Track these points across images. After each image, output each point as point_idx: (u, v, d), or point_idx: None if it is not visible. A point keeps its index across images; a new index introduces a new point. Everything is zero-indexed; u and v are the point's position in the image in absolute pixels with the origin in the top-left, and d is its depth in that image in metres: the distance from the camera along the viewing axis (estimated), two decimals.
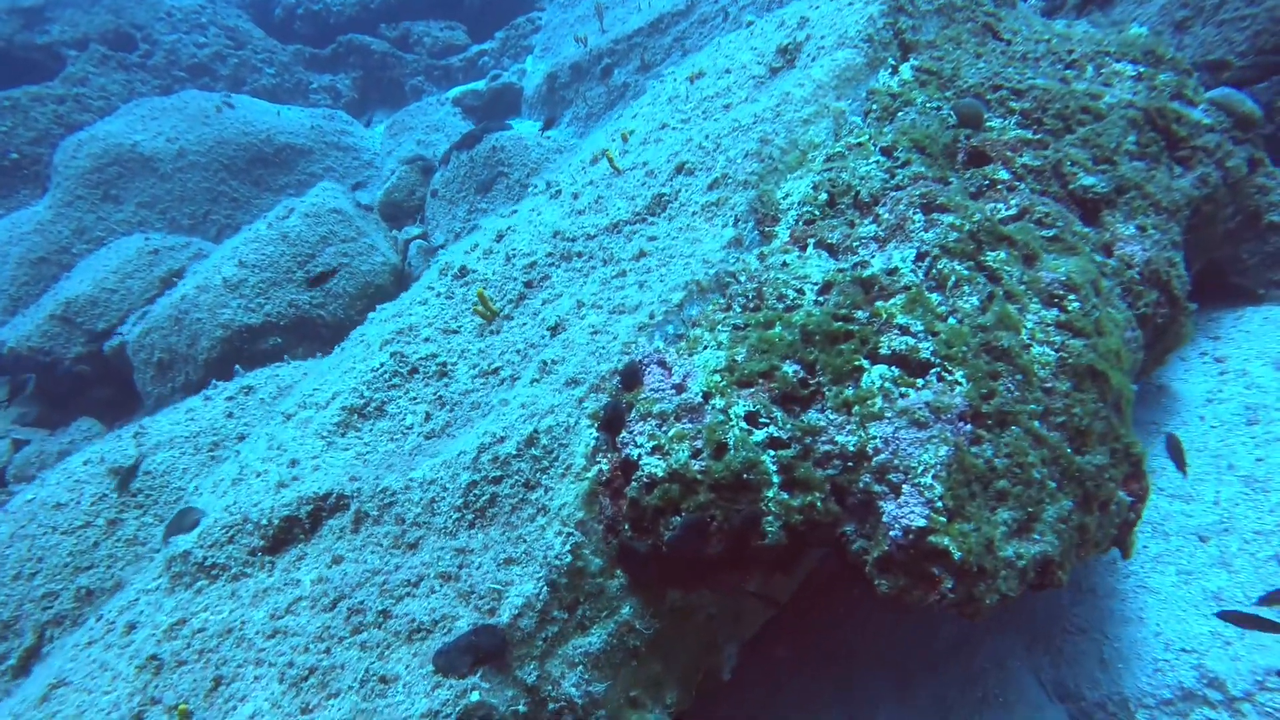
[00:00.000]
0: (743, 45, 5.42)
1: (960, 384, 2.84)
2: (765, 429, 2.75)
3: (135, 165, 11.38)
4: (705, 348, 3.05)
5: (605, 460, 2.85)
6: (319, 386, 4.01)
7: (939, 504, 2.56)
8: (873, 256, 3.37)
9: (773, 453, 2.71)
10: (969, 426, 2.77)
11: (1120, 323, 3.46)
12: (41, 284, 10.64)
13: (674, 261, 3.57)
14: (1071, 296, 3.24)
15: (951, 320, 3.05)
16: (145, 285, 9.26)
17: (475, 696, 2.42)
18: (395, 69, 14.87)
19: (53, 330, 8.93)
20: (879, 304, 3.12)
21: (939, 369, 2.90)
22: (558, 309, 3.68)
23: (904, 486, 2.60)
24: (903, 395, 2.81)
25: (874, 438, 2.69)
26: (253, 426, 4.81)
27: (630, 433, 2.83)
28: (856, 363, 2.88)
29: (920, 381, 2.86)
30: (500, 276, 4.20)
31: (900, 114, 4.28)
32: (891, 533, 2.56)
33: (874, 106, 4.32)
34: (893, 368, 2.90)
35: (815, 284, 3.19)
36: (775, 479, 2.67)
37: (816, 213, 3.62)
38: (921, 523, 2.52)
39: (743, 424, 2.75)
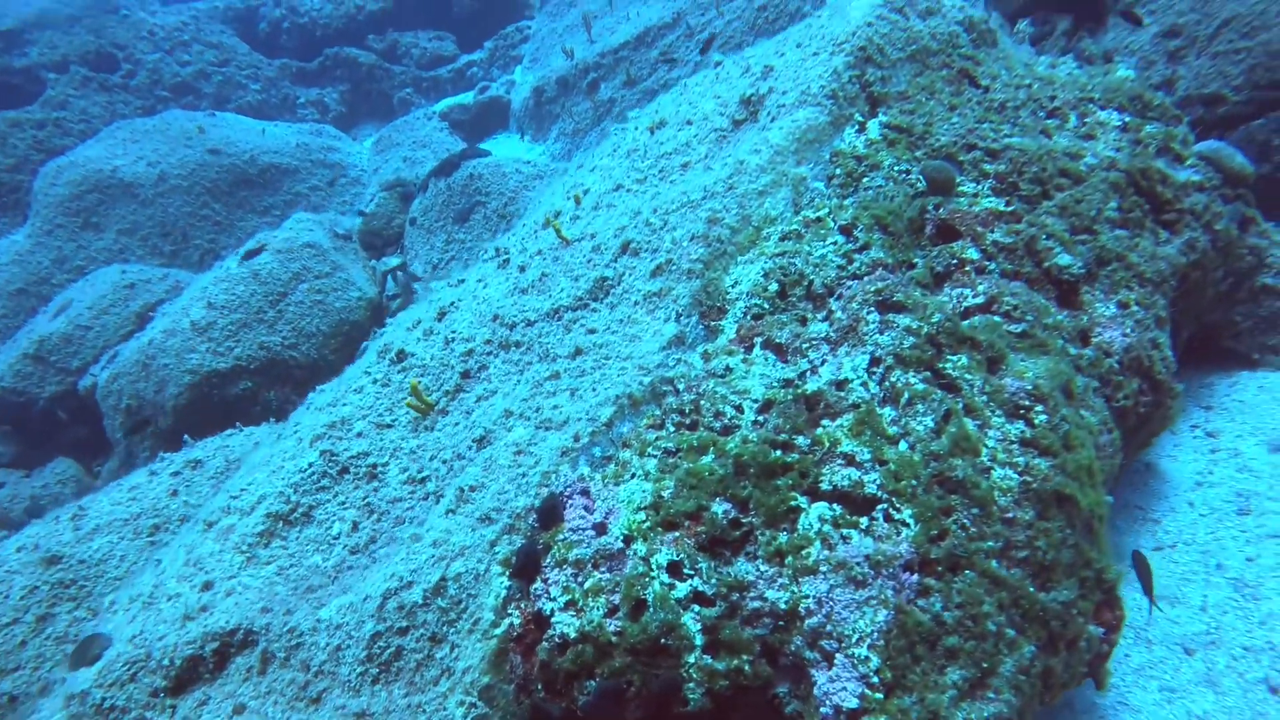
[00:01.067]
0: (707, 92, 5.13)
1: (908, 525, 2.59)
2: (689, 581, 2.50)
3: (115, 191, 11.23)
4: (633, 476, 2.81)
5: (517, 611, 2.62)
6: (246, 486, 3.80)
7: (875, 679, 2.31)
8: (823, 361, 3.10)
9: (696, 609, 2.47)
10: (915, 578, 2.51)
11: (1094, 427, 3.18)
12: (21, 316, 10.53)
13: (610, 364, 3.32)
14: (1039, 408, 2.96)
15: (903, 445, 2.79)
16: (121, 320, 9.11)
17: None
18: (383, 81, 14.61)
19: (26, 370, 8.81)
20: (823, 426, 2.86)
21: (886, 505, 2.64)
22: (489, 412, 3.44)
23: (837, 656, 2.35)
24: (843, 539, 2.55)
25: (807, 596, 2.44)
26: (196, 508, 4.62)
27: (544, 582, 2.60)
28: (793, 502, 2.63)
29: (864, 521, 2.61)
30: (438, 363, 3.97)
31: (866, 179, 3.99)
32: (823, 709, 2.32)
33: (837, 171, 4.03)
34: (834, 505, 2.64)
35: (755, 401, 2.93)
36: (698, 641, 2.42)
37: (766, 306, 3.35)
38: (854, 703, 2.27)
39: (664, 576, 2.51)
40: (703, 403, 3.02)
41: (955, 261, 3.60)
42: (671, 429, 2.98)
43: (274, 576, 3.36)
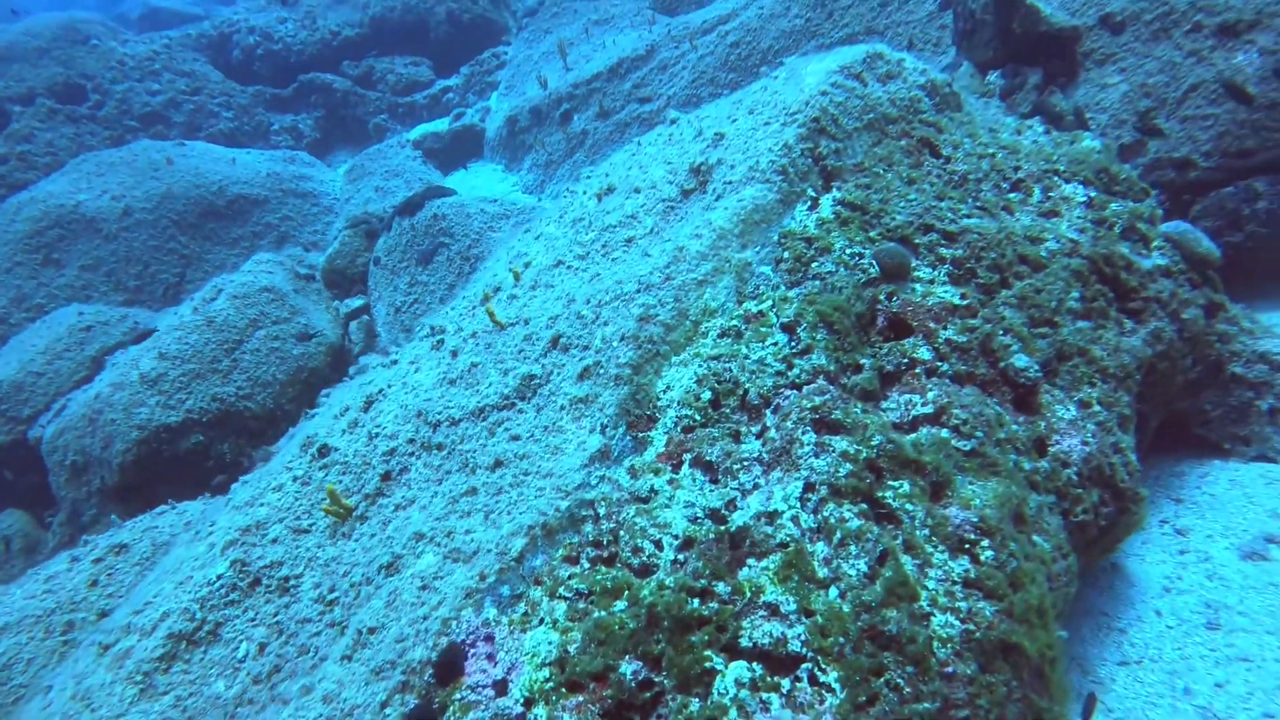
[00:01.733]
0: (658, 155, 4.92)
1: (834, 691, 2.36)
2: None
3: (78, 226, 10.98)
4: (541, 622, 2.58)
5: None
6: (152, 599, 3.55)
7: None
8: (754, 486, 2.88)
9: None
10: None
11: (1048, 555, 2.97)
12: None
13: (529, 481, 3.09)
14: (985, 542, 2.74)
15: (833, 591, 2.56)
16: (75, 366, 8.84)
17: None
18: (358, 107, 14.41)
19: None
20: (748, 567, 2.63)
21: (811, 665, 2.41)
22: (402, 529, 3.21)
23: None
24: (762, 706, 2.32)
25: None
26: (118, 599, 4.36)
27: None
28: (709, 663, 2.40)
29: (786, 684, 2.38)
30: (360, 461, 3.73)
31: (816, 263, 3.78)
32: None
33: (786, 255, 3.82)
34: (754, 665, 2.41)
35: (676, 538, 2.70)
36: None
37: (697, 418, 3.13)
38: None
39: None
40: (622, 534, 2.79)
41: (906, 361, 3.39)
42: (587, 564, 2.75)
43: (169, 710, 3.11)
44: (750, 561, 2.66)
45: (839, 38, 8.51)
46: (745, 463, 2.94)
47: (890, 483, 2.83)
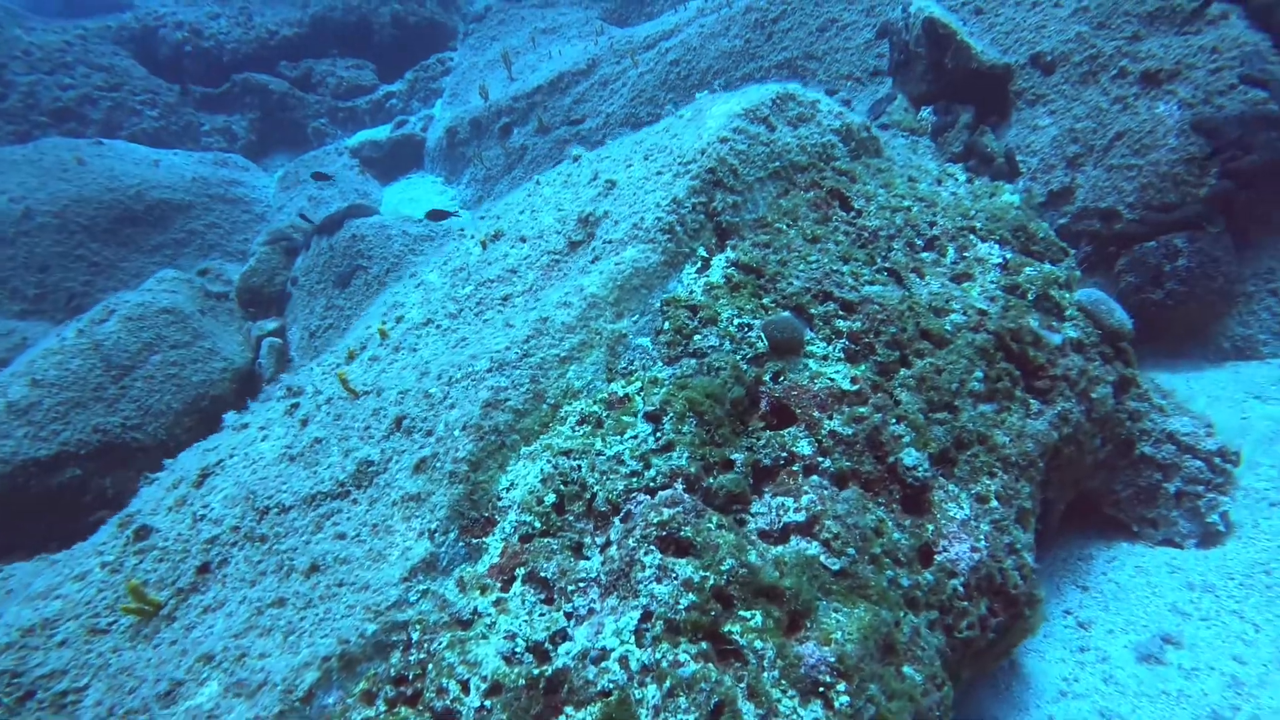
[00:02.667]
0: (552, 199, 4.55)
1: None
2: None
3: None
4: None
5: None
6: None
7: None
8: (589, 610, 2.52)
9: None
10: None
11: (918, 690, 2.65)
12: None
13: (342, 595, 2.70)
14: (841, 686, 2.42)
15: None
16: None
17: None
18: (295, 110, 13.81)
19: None
20: (565, 717, 2.27)
21: None
22: (200, 642, 2.79)
23: None
24: None
25: None
26: None
27: None
28: None
29: None
30: (180, 547, 3.30)
31: (699, 336, 3.44)
32: None
33: (666, 325, 3.47)
34: None
35: (484, 680, 2.33)
36: None
37: (538, 525, 2.76)
38: None
39: None
40: (430, 668, 2.42)
41: (785, 456, 3.06)
42: (384, 707, 2.37)
43: None
44: (568, 711, 2.30)
45: (777, 60, 8.22)
46: (582, 583, 2.58)
47: (741, 613, 2.49)
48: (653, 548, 2.57)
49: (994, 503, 3.27)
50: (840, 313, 3.61)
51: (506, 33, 13.38)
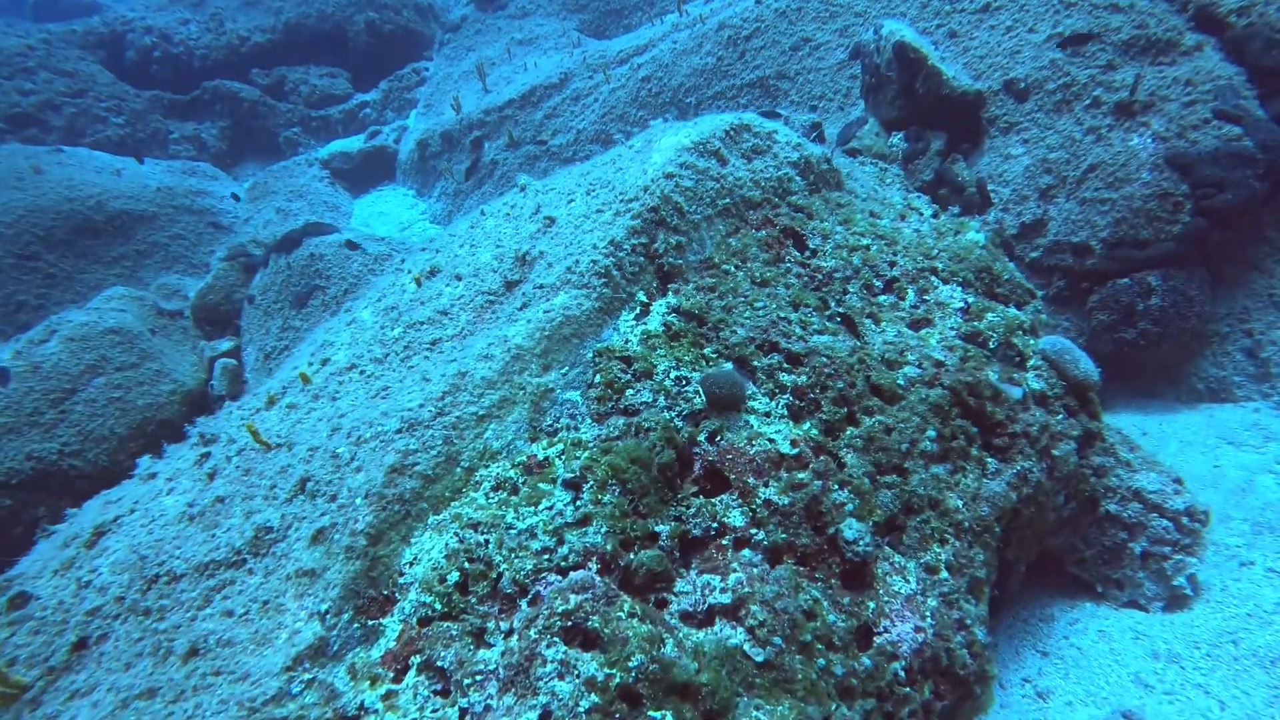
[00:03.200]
0: (493, 232, 4.32)
1: None
2: None
3: None
4: None
5: None
6: None
7: None
8: (484, 708, 2.28)
9: None
10: None
11: None
12: None
13: (218, 686, 2.44)
14: None
15: None
16: None
17: None
18: (267, 119, 13.52)
19: None
20: None
21: None
22: None
23: None
24: None
25: None
26: None
27: None
28: None
29: None
30: (59, 617, 3.04)
31: (631, 391, 3.21)
32: None
33: (598, 379, 3.24)
34: None
35: None
36: None
37: (438, 607, 2.52)
38: None
39: None
40: None
41: (715, 527, 2.83)
42: None
43: None
44: None
45: (750, 79, 8.02)
46: (480, 676, 2.34)
47: (650, 714, 2.26)
48: (556, 639, 2.33)
49: (944, 573, 3.05)
50: (785, 365, 3.39)
51: (483, 43, 13.15)
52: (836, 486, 3.01)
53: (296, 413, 3.58)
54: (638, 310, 3.54)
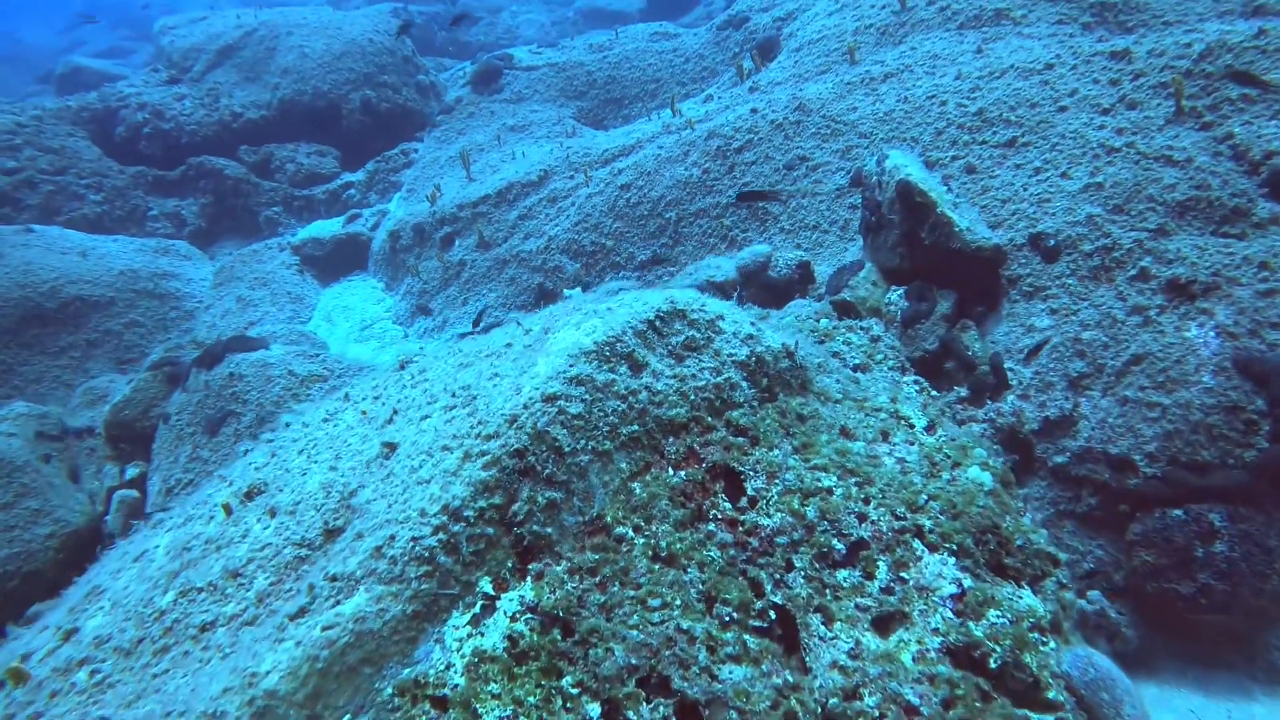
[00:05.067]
0: (339, 438, 3.29)
1: None
2: None
3: None
4: None
5: None
6: None
7: None
8: None
9: None
10: None
11: None
12: None
13: None
14: None
15: None
16: None
17: None
18: (250, 196, 12.94)
19: None
20: None
21: None
22: None
23: None
24: None
25: None
26: None
27: None
28: None
29: None
30: None
31: None
32: None
33: None
34: None
35: None
36: None
37: None
38: None
39: None
40: None
41: None
42: None
43: None
44: None
45: (736, 198, 7.08)
46: None
47: None
48: None
49: None
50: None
51: (474, 127, 12.53)
52: None
53: (42, 691, 2.51)
54: (479, 608, 2.46)
